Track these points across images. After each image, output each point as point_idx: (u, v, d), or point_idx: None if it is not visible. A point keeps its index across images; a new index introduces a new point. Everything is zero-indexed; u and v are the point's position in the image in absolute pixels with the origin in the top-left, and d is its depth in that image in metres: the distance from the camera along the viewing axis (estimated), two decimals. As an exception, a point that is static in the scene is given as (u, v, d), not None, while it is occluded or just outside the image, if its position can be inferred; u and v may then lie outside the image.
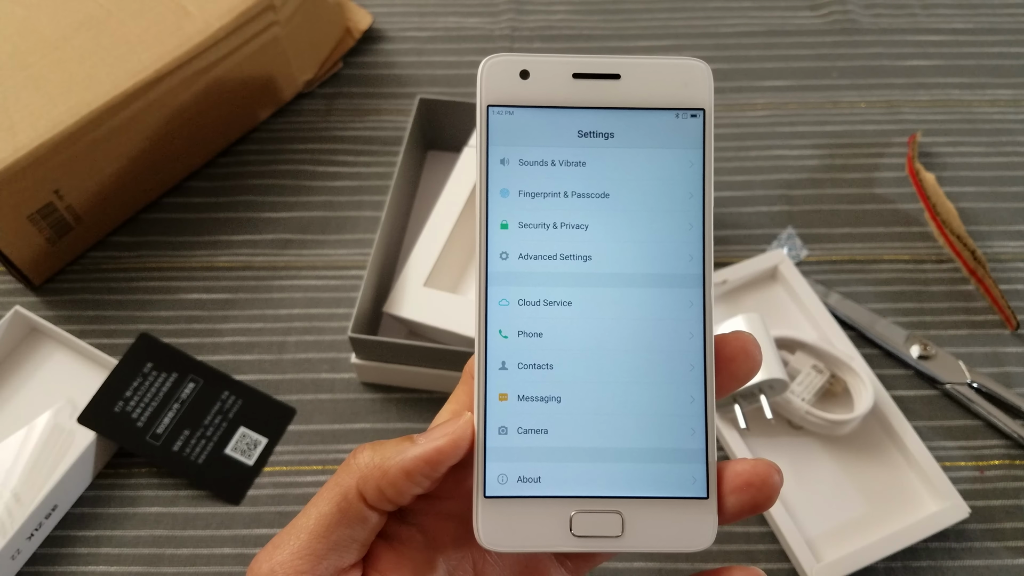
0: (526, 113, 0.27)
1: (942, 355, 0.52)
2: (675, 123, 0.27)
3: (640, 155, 0.27)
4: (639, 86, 0.27)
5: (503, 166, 0.27)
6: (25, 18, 0.55)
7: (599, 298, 0.27)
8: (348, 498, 0.26)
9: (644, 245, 0.27)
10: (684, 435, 0.26)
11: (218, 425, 0.51)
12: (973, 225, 0.58)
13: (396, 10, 0.71)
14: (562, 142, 0.27)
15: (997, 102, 0.65)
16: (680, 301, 0.27)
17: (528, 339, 0.27)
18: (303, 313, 0.55)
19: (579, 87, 0.27)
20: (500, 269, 0.27)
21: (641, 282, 0.27)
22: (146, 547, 0.47)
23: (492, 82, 0.27)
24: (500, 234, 0.27)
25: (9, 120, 0.50)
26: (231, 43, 0.56)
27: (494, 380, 0.27)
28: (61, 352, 0.53)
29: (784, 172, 0.61)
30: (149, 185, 0.59)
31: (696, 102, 0.27)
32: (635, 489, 0.26)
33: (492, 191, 0.27)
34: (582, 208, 0.27)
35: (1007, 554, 0.46)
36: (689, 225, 0.27)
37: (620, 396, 0.27)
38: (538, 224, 0.27)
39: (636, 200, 0.27)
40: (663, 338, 0.27)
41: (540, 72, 0.27)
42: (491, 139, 0.27)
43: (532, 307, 0.27)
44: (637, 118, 0.27)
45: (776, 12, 0.70)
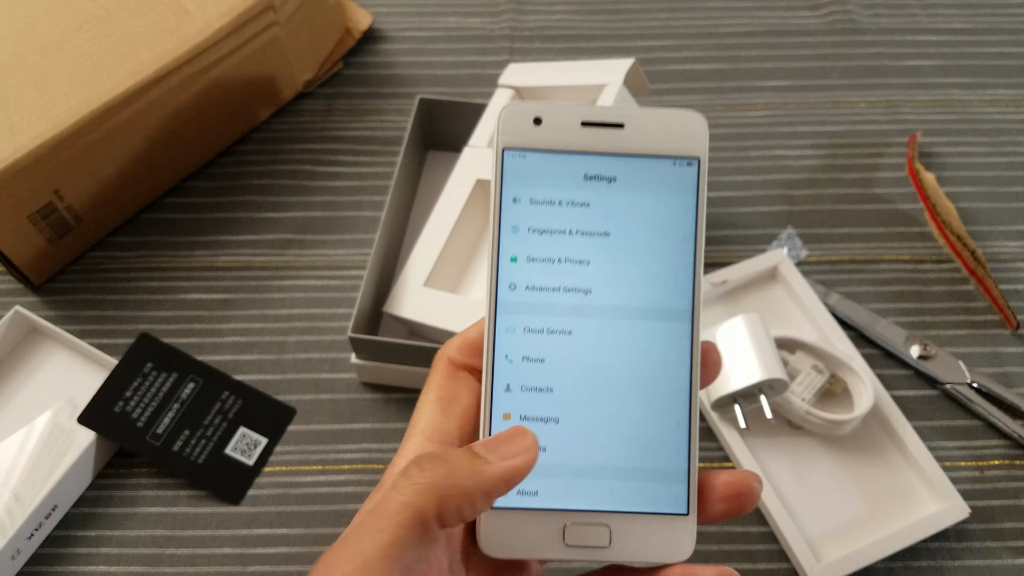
0: (537, 156, 0.29)
1: (942, 355, 0.52)
2: (673, 170, 0.29)
3: (640, 198, 0.29)
4: (641, 135, 0.29)
5: (515, 204, 0.29)
6: (25, 18, 0.55)
7: (597, 328, 0.29)
8: (424, 520, 0.24)
9: (640, 281, 0.29)
10: (669, 457, 0.29)
11: (218, 425, 0.51)
12: (973, 225, 0.58)
13: (396, 10, 0.71)
14: (569, 184, 0.29)
15: (997, 102, 0.65)
16: (671, 333, 0.29)
17: (531, 364, 0.29)
18: (303, 313, 0.55)
19: (586, 134, 0.29)
20: (509, 299, 0.29)
21: (636, 315, 0.29)
22: (146, 547, 0.47)
23: (508, 127, 0.29)
24: (510, 267, 0.29)
25: (9, 120, 0.50)
26: (231, 43, 0.56)
27: (499, 401, 0.29)
28: (61, 352, 0.53)
29: (784, 172, 0.61)
30: (149, 185, 0.59)
31: (693, 151, 0.29)
32: (623, 504, 0.29)
33: (504, 227, 0.29)
34: (585, 245, 0.29)
35: (1007, 554, 0.46)
36: (682, 265, 0.29)
37: (613, 419, 0.29)
38: (544, 259, 0.29)
39: (634, 240, 0.29)
40: (654, 366, 0.29)
41: (552, 119, 0.29)
42: (505, 179, 0.29)
43: (536, 335, 0.29)
44: (638, 164, 0.29)
45: (776, 12, 0.70)
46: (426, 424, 0.28)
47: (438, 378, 0.30)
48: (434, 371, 0.30)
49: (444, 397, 0.29)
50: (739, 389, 0.47)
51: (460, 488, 0.25)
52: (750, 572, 0.46)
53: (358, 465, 0.50)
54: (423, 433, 0.28)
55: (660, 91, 0.66)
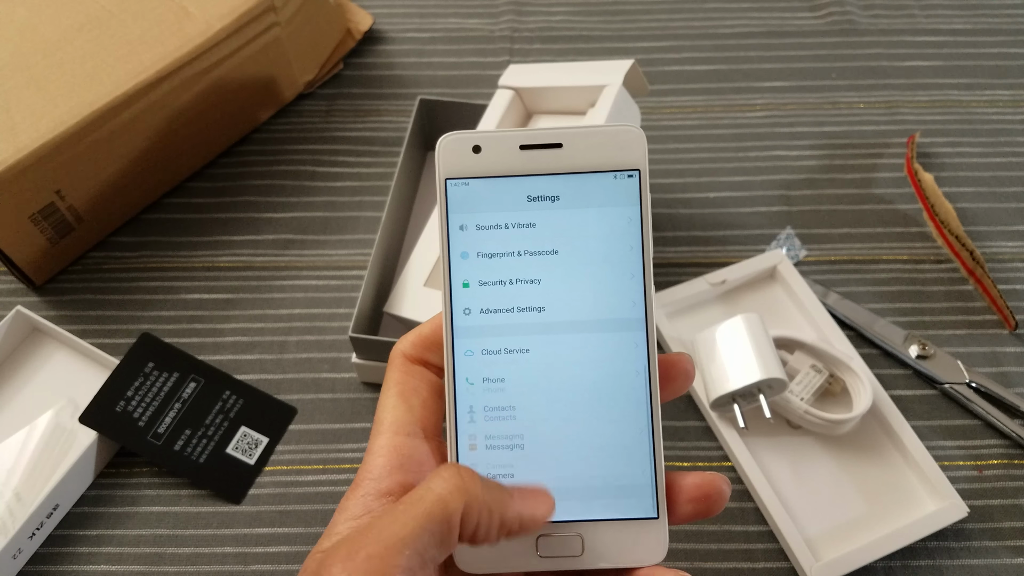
0: (480, 183, 0.30)
1: (941, 355, 0.52)
2: (614, 183, 0.30)
3: (584, 214, 0.30)
4: (580, 152, 0.30)
5: (462, 232, 0.30)
6: (27, 19, 0.55)
7: (554, 344, 0.30)
8: (451, 520, 0.25)
9: (591, 294, 0.30)
10: (634, 465, 0.29)
11: (219, 425, 0.51)
12: (971, 225, 0.59)
13: (397, 11, 0.71)
14: (513, 207, 0.30)
15: (996, 103, 0.65)
16: (625, 343, 0.30)
17: (492, 384, 0.30)
18: (304, 313, 0.55)
19: (525, 157, 0.30)
20: (464, 323, 0.30)
21: (591, 328, 0.30)
22: (147, 546, 0.47)
23: (448, 157, 0.30)
24: (462, 292, 0.30)
25: (11, 120, 0.51)
26: (232, 44, 0.56)
27: (464, 429, 0.30)
28: (62, 352, 0.53)
29: (783, 172, 0.62)
30: (150, 185, 0.59)
31: (632, 163, 0.30)
32: (593, 513, 0.29)
33: (454, 254, 0.30)
34: (534, 265, 0.30)
35: (1006, 553, 0.47)
36: (631, 274, 0.30)
37: (577, 432, 0.30)
38: (496, 281, 0.30)
39: (582, 255, 0.30)
40: (612, 376, 0.30)
41: (490, 146, 0.30)
42: (450, 208, 0.30)
43: (494, 356, 0.30)
44: (579, 181, 0.30)
45: (775, 13, 0.70)
46: (392, 419, 0.29)
47: (396, 374, 0.30)
48: (391, 368, 0.31)
49: (404, 391, 0.30)
50: (738, 389, 0.47)
51: (487, 505, 0.26)
52: (749, 571, 0.46)
53: (358, 464, 0.50)
54: (391, 428, 0.29)
55: (659, 92, 0.66)
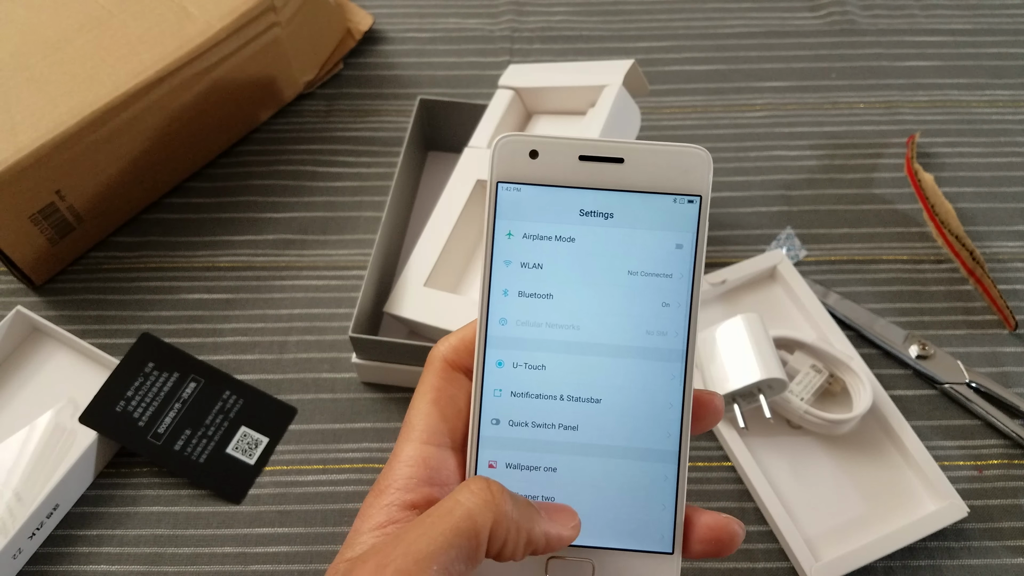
0: (533, 191, 0.29)
1: (941, 355, 0.52)
2: (672, 207, 0.29)
3: (637, 235, 0.29)
4: (641, 171, 0.28)
5: (508, 239, 0.29)
6: (27, 19, 0.55)
7: (588, 365, 0.29)
8: (478, 535, 0.25)
9: (633, 319, 0.29)
10: (657, 498, 0.29)
11: (219, 424, 0.51)
12: (971, 225, 0.59)
13: (397, 11, 0.71)
14: (564, 219, 0.29)
15: (996, 103, 0.65)
16: (662, 374, 0.29)
17: (519, 399, 0.29)
18: (304, 313, 0.55)
19: (584, 168, 0.28)
20: (499, 333, 0.29)
21: (628, 353, 0.29)
22: (147, 546, 0.47)
23: (503, 160, 0.28)
24: (501, 300, 0.29)
25: (11, 120, 0.51)
26: (232, 44, 0.56)
27: (486, 441, 0.29)
28: (62, 352, 0.53)
29: (783, 172, 0.62)
30: (150, 185, 0.59)
31: (694, 188, 0.28)
32: (606, 540, 0.29)
33: (496, 261, 0.29)
34: (578, 281, 0.29)
35: (1005, 553, 0.47)
36: (677, 304, 0.29)
37: (599, 462, 0.29)
38: (536, 294, 0.29)
39: (629, 277, 0.29)
40: (645, 406, 0.29)
41: (548, 153, 0.28)
42: (499, 213, 0.29)
43: (524, 370, 0.29)
44: (637, 201, 0.29)
45: (775, 13, 0.70)
46: (424, 427, 0.28)
47: (433, 379, 0.29)
48: (428, 371, 0.30)
49: (440, 399, 0.29)
50: (738, 389, 0.47)
51: (516, 522, 0.25)
52: (749, 571, 0.46)
53: (359, 464, 0.50)
54: (420, 437, 0.28)
55: (659, 92, 0.66)
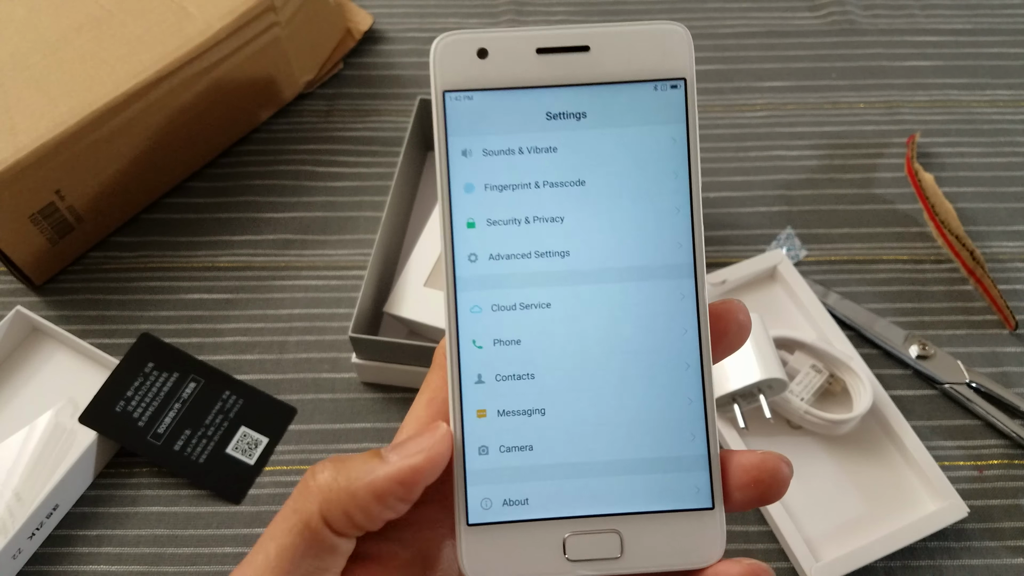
0: (487, 97, 0.24)
1: (941, 355, 0.52)
2: (653, 96, 0.24)
3: (617, 135, 0.24)
4: (611, 58, 0.24)
5: (465, 158, 0.24)
6: (26, 19, 0.55)
7: (581, 297, 0.25)
8: (311, 526, 0.23)
9: (627, 235, 0.25)
10: (683, 441, 0.24)
11: (219, 425, 0.51)
12: (972, 225, 0.59)
13: (397, 11, 0.71)
14: (529, 127, 0.24)
15: (996, 102, 0.65)
16: (670, 294, 0.25)
17: (505, 348, 0.25)
18: (304, 313, 0.55)
19: (544, 63, 0.24)
20: (469, 273, 0.25)
21: (626, 276, 0.25)
22: (147, 546, 0.47)
23: (447, 64, 0.24)
24: (467, 233, 0.25)
25: (10, 120, 0.51)
26: (232, 44, 0.56)
27: (471, 395, 0.24)
28: (62, 352, 0.53)
29: (783, 172, 0.61)
30: (150, 185, 0.59)
31: (675, 71, 0.24)
32: (633, 504, 0.24)
33: (455, 187, 0.24)
34: (556, 199, 0.25)
35: (1006, 553, 0.46)
36: (675, 209, 0.25)
37: (611, 403, 0.24)
38: (508, 220, 0.25)
39: (615, 185, 0.25)
40: (654, 336, 0.25)
41: (499, 50, 0.24)
42: (449, 128, 0.24)
43: (507, 312, 0.25)
44: (611, 94, 0.24)
45: (775, 13, 0.70)
46: (412, 429, 0.26)
47: (433, 378, 0.26)
48: (431, 371, 0.27)
49: (436, 399, 0.26)
50: (738, 389, 0.47)
51: (347, 491, 0.22)
52: (749, 571, 0.46)
53: (358, 464, 0.50)
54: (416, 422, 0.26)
55: (660, 92, 0.66)
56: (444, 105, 0.24)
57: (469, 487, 0.24)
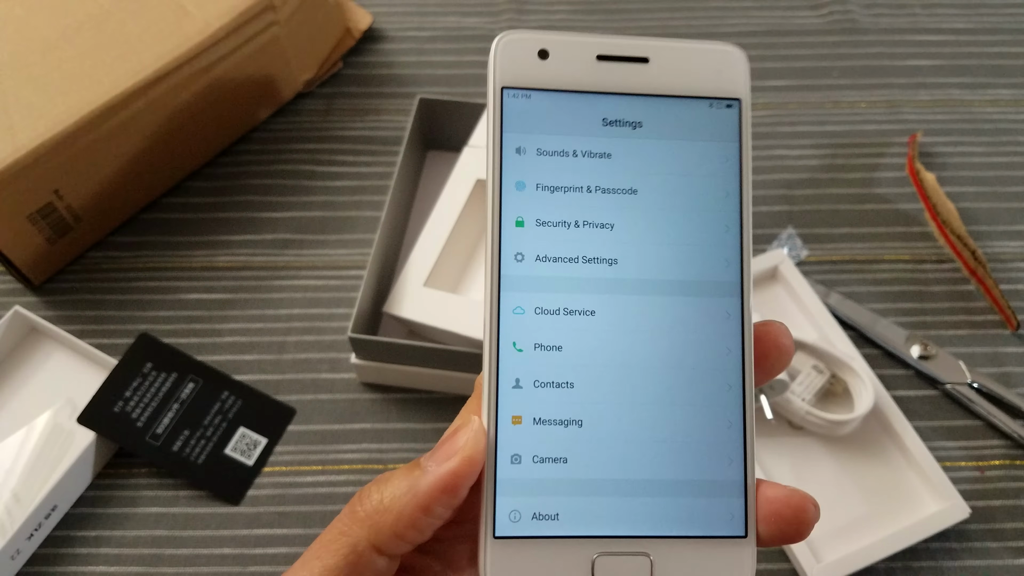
0: (545, 97, 0.24)
1: (942, 355, 0.52)
2: (709, 113, 0.25)
3: (671, 147, 0.25)
4: (670, 72, 0.25)
5: (519, 156, 0.24)
6: (25, 18, 0.55)
7: (626, 307, 0.24)
8: (358, 550, 0.23)
9: (676, 248, 0.24)
10: (720, 465, 0.24)
11: (218, 425, 0.51)
12: (973, 225, 0.58)
13: (396, 10, 0.71)
14: (585, 131, 0.24)
15: (998, 102, 0.64)
16: (716, 312, 0.24)
17: (546, 353, 0.24)
18: (303, 313, 0.55)
19: (604, 70, 0.25)
20: (515, 272, 0.24)
21: (673, 290, 0.24)
22: (146, 547, 0.47)
23: (507, 62, 0.24)
24: (515, 232, 0.24)
25: (9, 120, 0.50)
26: (231, 43, 0.56)
27: (507, 400, 0.24)
28: (61, 352, 0.53)
29: (784, 172, 0.61)
30: (149, 185, 0.59)
31: (731, 91, 0.25)
32: (665, 528, 0.24)
33: (507, 183, 0.24)
34: (607, 205, 0.24)
35: (1007, 554, 0.46)
36: (725, 227, 0.25)
37: (649, 420, 0.24)
38: (558, 222, 0.24)
39: (667, 198, 0.24)
40: (697, 354, 0.24)
41: (561, 52, 0.24)
42: (505, 125, 0.24)
43: (551, 316, 0.24)
44: (668, 106, 0.25)
45: (776, 12, 0.70)
46: None
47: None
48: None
49: None
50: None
51: (395, 512, 0.22)
52: (750, 572, 0.46)
53: (358, 465, 0.50)
54: None
55: (660, 91, 0.66)
56: (502, 101, 0.24)
57: (499, 497, 0.23)
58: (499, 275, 0.24)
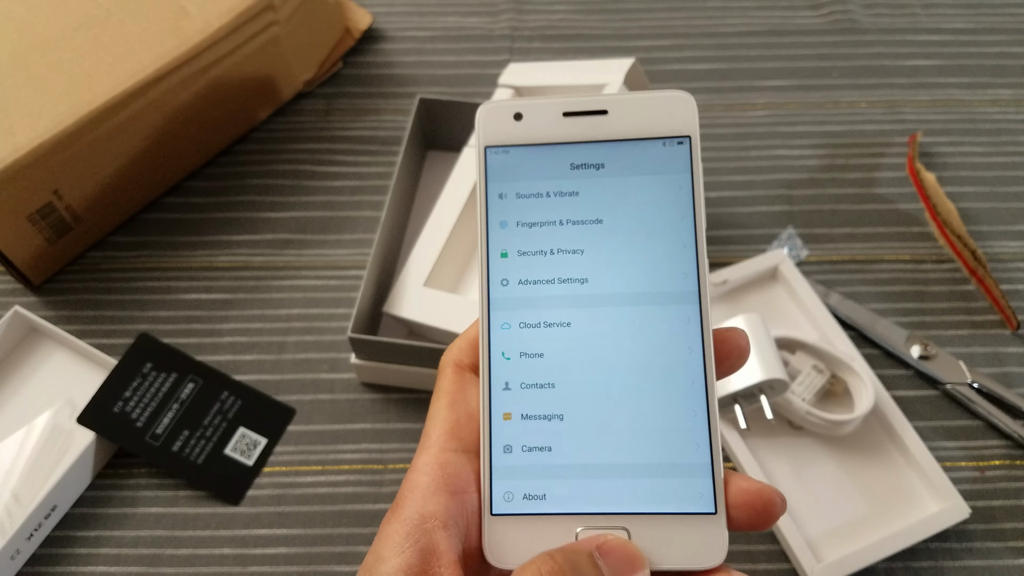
0: (521, 151, 0.29)
1: (942, 355, 0.52)
2: (663, 151, 0.28)
3: (630, 182, 0.28)
4: (626, 119, 0.29)
5: (501, 200, 0.29)
6: (25, 18, 0.55)
7: (597, 318, 0.28)
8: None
9: (639, 265, 0.28)
10: (688, 449, 0.27)
11: (217, 425, 0.51)
12: (973, 225, 0.58)
13: (396, 10, 0.71)
14: (555, 175, 0.29)
15: (998, 102, 0.64)
16: (677, 317, 0.28)
17: (530, 360, 0.28)
18: (303, 313, 0.55)
19: (569, 124, 0.29)
20: (501, 295, 0.28)
21: (638, 300, 0.28)
22: (145, 547, 0.47)
23: (489, 125, 0.29)
24: (500, 262, 0.29)
25: (8, 120, 0.50)
26: (230, 43, 0.56)
27: (498, 400, 0.28)
28: (60, 352, 0.53)
29: (785, 172, 0.61)
30: (148, 185, 0.59)
31: (681, 130, 0.28)
32: (641, 505, 0.27)
33: (492, 223, 0.29)
34: (577, 234, 0.28)
35: (1008, 554, 0.46)
36: (682, 244, 0.28)
37: (622, 412, 0.27)
38: (536, 251, 0.28)
39: (629, 224, 0.28)
40: (662, 354, 0.28)
41: (532, 114, 0.29)
42: (489, 176, 0.29)
43: (533, 329, 0.28)
44: (626, 149, 0.29)
45: (776, 12, 0.70)
46: (439, 433, 0.28)
47: (446, 383, 0.29)
48: (440, 377, 0.29)
49: (455, 401, 0.28)
50: (739, 389, 0.47)
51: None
52: (750, 572, 0.46)
53: (358, 465, 0.50)
54: (436, 443, 0.28)
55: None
56: (486, 158, 0.29)
57: (494, 481, 0.27)
58: (488, 298, 0.28)
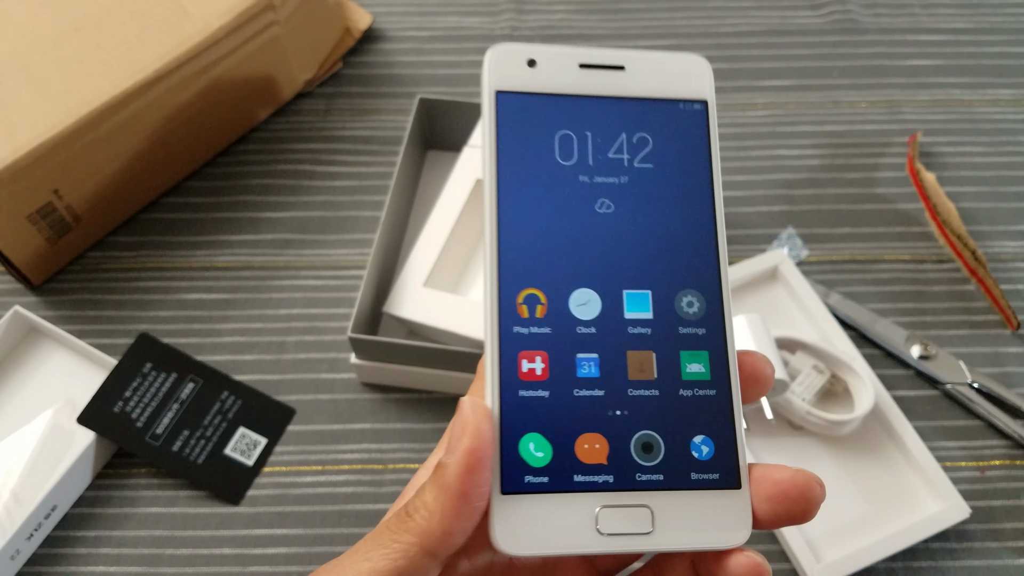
0: (533, 100, 0.27)
1: (943, 355, 0.52)
2: (679, 113, 0.28)
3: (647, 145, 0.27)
4: (643, 77, 0.28)
5: (511, 150, 0.27)
6: (25, 18, 0.55)
7: (616, 287, 0.26)
8: (410, 555, 0.23)
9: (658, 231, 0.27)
10: (711, 426, 0.26)
11: (217, 425, 0.51)
12: (973, 225, 0.58)
13: (396, 10, 0.71)
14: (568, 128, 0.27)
15: (998, 102, 0.64)
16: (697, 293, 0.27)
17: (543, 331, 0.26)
18: (303, 313, 0.55)
19: (584, 76, 0.27)
20: (511, 258, 0.26)
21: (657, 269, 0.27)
22: (146, 547, 0.47)
23: (499, 69, 0.27)
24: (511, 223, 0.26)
25: (8, 120, 0.50)
26: (230, 43, 0.56)
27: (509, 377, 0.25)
28: (60, 352, 0.53)
29: (785, 172, 0.61)
30: (148, 185, 0.59)
31: (699, 94, 0.28)
32: (664, 482, 0.25)
33: (503, 178, 0.26)
34: (592, 196, 0.27)
35: (1008, 554, 0.46)
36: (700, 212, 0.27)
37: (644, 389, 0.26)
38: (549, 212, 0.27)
39: (646, 189, 0.27)
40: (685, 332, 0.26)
41: (546, 61, 0.27)
42: (499, 124, 0.27)
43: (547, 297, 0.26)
44: (642, 107, 0.28)
45: (776, 12, 0.70)
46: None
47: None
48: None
49: None
50: (739, 389, 0.47)
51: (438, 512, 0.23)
52: (750, 572, 0.46)
53: (358, 465, 0.50)
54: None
55: (660, 91, 0.66)
56: (496, 103, 0.27)
57: (504, 456, 0.25)
58: (499, 263, 0.26)
